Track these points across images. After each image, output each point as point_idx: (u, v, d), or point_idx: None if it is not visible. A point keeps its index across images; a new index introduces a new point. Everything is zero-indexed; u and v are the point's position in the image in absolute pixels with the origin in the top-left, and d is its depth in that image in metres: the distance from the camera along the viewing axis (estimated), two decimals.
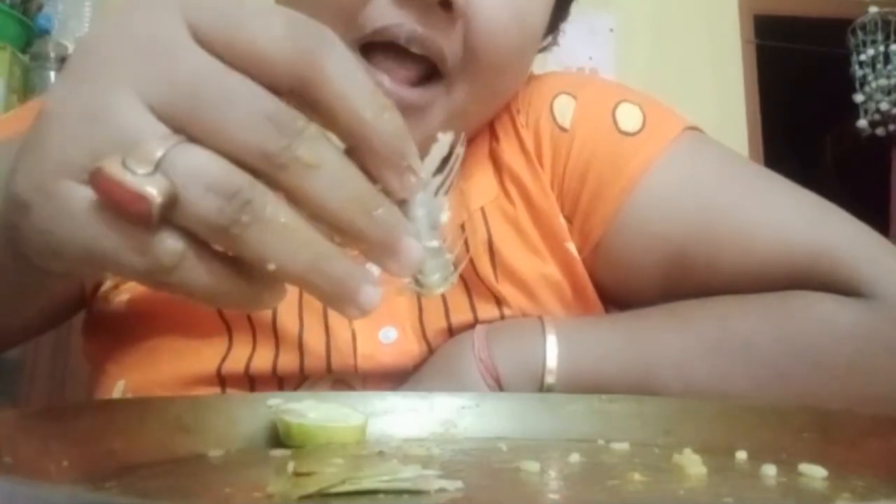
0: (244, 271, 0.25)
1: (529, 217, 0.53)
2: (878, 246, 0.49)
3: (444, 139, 0.29)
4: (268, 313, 0.50)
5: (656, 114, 0.54)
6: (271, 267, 0.24)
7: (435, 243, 0.28)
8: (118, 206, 0.22)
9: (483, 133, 0.56)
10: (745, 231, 0.49)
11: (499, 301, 0.52)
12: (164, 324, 0.51)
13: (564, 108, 0.54)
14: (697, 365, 0.47)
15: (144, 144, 0.23)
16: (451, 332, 0.51)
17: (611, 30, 2.70)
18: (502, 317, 0.52)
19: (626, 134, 0.52)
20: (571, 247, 0.53)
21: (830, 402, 0.44)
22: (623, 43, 2.71)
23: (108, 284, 0.52)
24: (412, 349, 0.51)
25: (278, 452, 0.34)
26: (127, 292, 0.51)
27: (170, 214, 0.23)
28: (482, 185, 0.54)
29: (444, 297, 0.52)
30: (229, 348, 0.50)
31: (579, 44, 2.64)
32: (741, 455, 0.34)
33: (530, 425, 0.40)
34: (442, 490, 0.27)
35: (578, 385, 0.46)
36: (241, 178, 0.23)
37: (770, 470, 0.31)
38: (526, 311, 0.52)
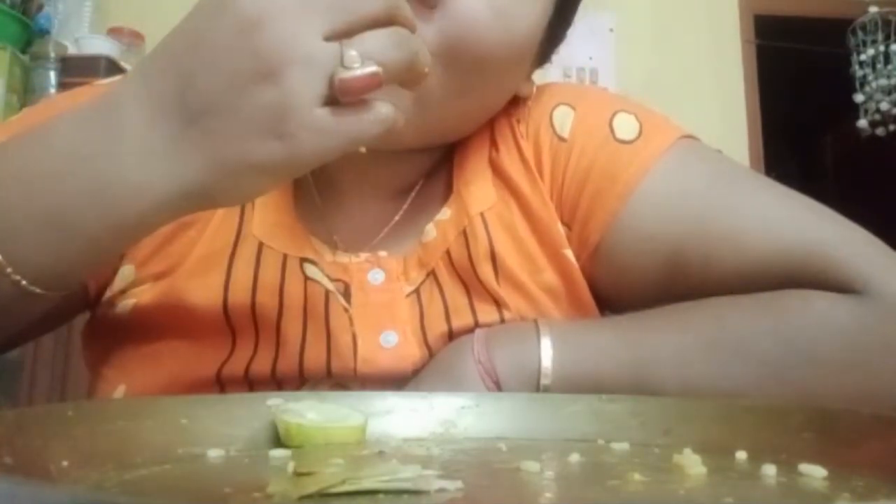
0: None
1: (527, 225, 0.54)
2: (868, 244, 0.49)
3: None
4: (273, 317, 0.50)
5: (652, 123, 0.54)
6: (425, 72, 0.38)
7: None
8: (359, 90, 0.34)
9: (483, 141, 0.56)
10: (738, 232, 0.50)
11: (498, 304, 0.52)
12: (170, 328, 0.51)
13: (564, 119, 0.55)
14: (695, 363, 0.47)
15: (344, 55, 0.34)
16: (452, 336, 0.52)
17: (611, 30, 2.70)
18: (502, 320, 0.52)
19: (623, 142, 0.53)
20: (569, 253, 0.53)
21: (828, 398, 0.45)
22: (623, 43, 2.71)
23: (115, 289, 0.52)
24: (413, 354, 0.51)
25: (278, 452, 0.34)
26: (134, 297, 0.51)
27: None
28: (481, 192, 0.54)
29: (443, 298, 0.52)
30: (231, 352, 0.50)
31: (579, 44, 2.64)
32: (741, 455, 0.34)
33: (530, 425, 0.40)
34: (442, 490, 0.27)
35: (575, 385, 0.46)
36: (408, 35, 0.36)
37: (770, 470, 0.31)
38: (524, 315, 0.52)
